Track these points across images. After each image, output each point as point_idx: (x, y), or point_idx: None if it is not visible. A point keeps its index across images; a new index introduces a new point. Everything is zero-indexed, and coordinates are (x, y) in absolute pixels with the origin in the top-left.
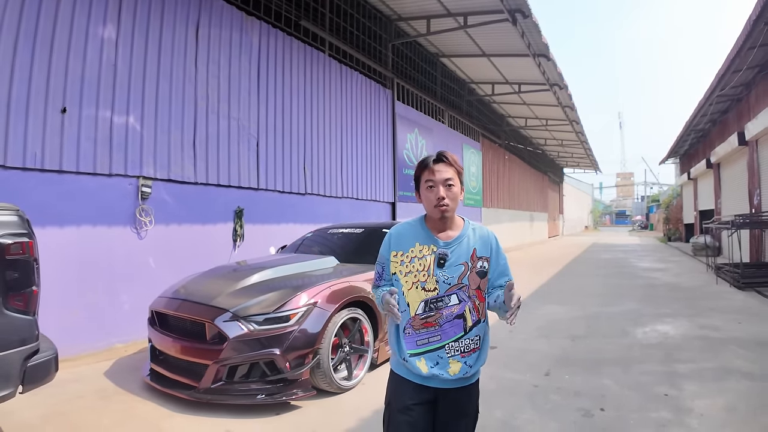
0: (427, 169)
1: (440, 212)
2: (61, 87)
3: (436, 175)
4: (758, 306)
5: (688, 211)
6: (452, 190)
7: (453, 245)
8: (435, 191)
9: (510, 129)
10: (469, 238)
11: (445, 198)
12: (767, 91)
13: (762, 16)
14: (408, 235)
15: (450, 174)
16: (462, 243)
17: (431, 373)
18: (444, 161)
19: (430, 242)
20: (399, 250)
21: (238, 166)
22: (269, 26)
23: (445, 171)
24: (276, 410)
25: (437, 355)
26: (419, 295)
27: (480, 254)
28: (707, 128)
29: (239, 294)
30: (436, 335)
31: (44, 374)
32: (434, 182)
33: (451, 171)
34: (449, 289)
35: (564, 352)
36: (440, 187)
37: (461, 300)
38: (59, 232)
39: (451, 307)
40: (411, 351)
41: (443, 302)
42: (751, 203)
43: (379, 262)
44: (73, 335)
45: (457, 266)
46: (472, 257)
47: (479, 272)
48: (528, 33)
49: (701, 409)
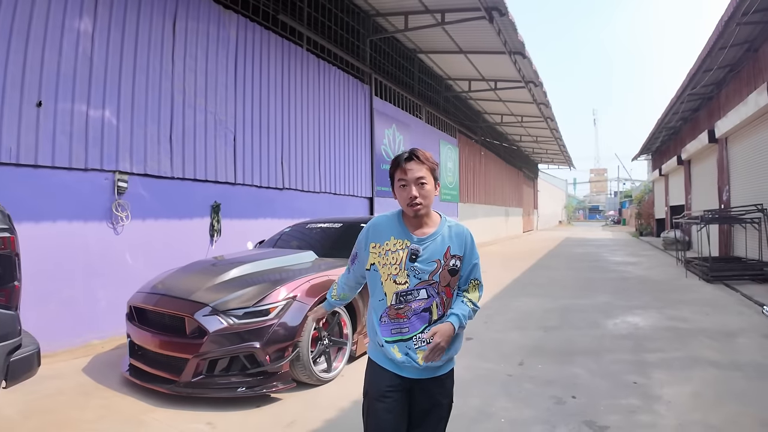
0: (399, 168)
1: (413, 211)
2: (36, 80)
3: (408, 174)
4: (726, 298)
5: (659, 206)
6: (425, 189)
7: (427, 242)
8: (407, 190)
9: (486, 125)
10: (444, 236)
11: (417, 197)
12: (737, 91)
13: (733, 18)
14: (385, 228)
15: (422, 172)
16: (436, 240)
17: (402, 360)
18: (415, 159)
19: (404, 237)
20: (376, 242)
21: (215, 161)
22: (246, 20)
23: (417, 169)
24: (256, 403)
25: (406, 346)
26: (392, 287)
27: (454, 252)
28: (679, 126)
29: (218, 288)
30: (406, 326)
31: (27, 369)
32: (406, 181)
33: (423, 169)
34: (419, 283)
35: (537, 342)
36: (412, 186)
37: (430, 295)
38: (35, 227)
39: (420, 300)
40: (386, 338)
41: (412, 296)
42: (720, 199)
43: (356, 247)
44: (49, 331)
45: (430, 263)
46: (445, 255)
47: (451, 270)
48: (504, 31)
49: (669, 397)
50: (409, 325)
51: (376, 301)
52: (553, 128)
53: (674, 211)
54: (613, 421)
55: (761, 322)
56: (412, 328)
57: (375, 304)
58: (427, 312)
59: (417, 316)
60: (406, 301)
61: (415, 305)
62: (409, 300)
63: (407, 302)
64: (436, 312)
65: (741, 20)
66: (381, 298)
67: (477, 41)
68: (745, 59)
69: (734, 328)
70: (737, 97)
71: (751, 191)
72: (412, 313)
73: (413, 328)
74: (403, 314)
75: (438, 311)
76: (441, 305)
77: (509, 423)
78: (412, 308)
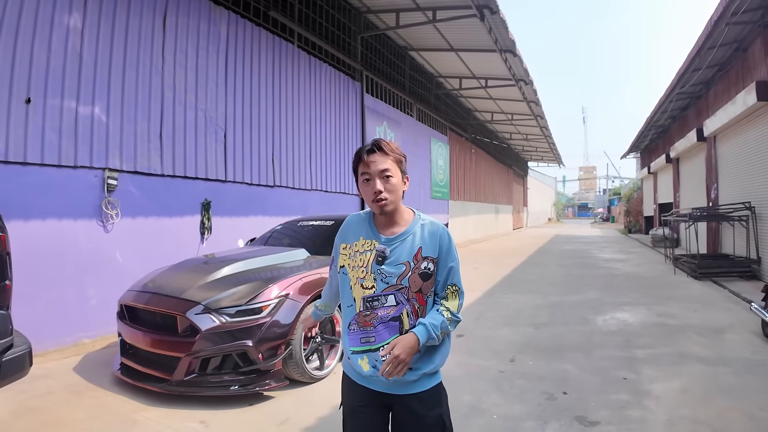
0: (361, 161)
1: (379, 207)
2: (25, 77)
3: (371, 166)
4: (714, 295)
5: (648, 204)
6: (390, 182)
7: (395, 242)
8: (371, 185)
9: (477, 123)
10: (415, 235)
11: (381, 191)
12: (726, 90)
13: (723, 17)
14: (355, 227)
15: (387, 164)
16: (406, 240)
17: (370, 373)
18: (379, 151)
19: (372, 237)
20: (346, 243)
21: (205, 158)
22: (237, 16)
23: (381, 161)
24: (249, 401)
25: (374, 357)
26: (359, 291)
27: (426, 254)
28: (667, 124)
29: (210, 287)
30: (372, 335)
31: (19, 369)
32: (370, 174)
33: (388, 161)
34: (387, 288)
35: (528, 339)
36: (376, 180)
37: (399, 302)
38: (24, 225)
39: (387, 308)
40: (353, 348)
41: (379, 302)
42: (708, 197)
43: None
44: (39, 331)
45: (398, 265)
46: (415, 257)
47: (422, 274)
48: (495, 29)
49: (658, 392)
50: (375, 335)
51: (346, 307)
52: (542, 126)
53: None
54: (604, 417)
55: (749, 318)
56: (379, 337)
57: (345, 310)
58: (396, 321)
59: (384, 325)
60: (372, 308)
61: (381, 312)
62: (375, 306)
63: (373, 309)
64: (408, 321)
65: (730, 20)
66: (350, 304)
67: (468, 39)
68: (733, 59)
69: (722, 324)
70: (726, 96)
71: (739, 189)
72: (379, 321)
73: (380, 338)
74: (369, 322)
75: (410, 320)
76: (413, 313)
77: (501, 419)
78: (378, 316)
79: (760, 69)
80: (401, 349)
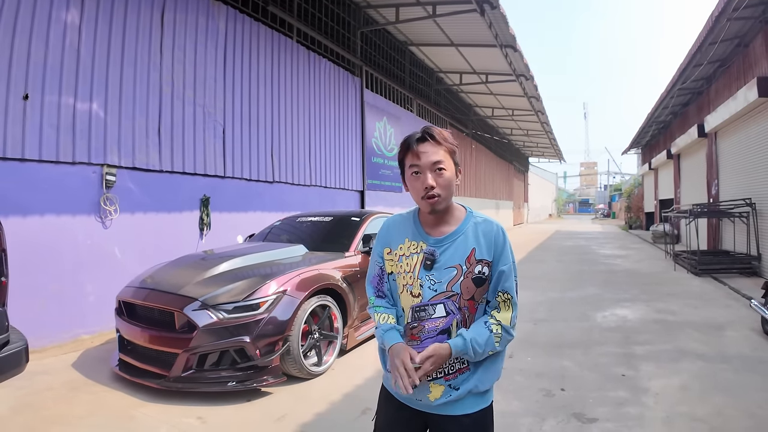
0: (410, 152)
1: (429, 205)
2: (23, 73)
3: (421, 158)
4: (714, 291)
5: (648, 200)
6: (444, 176)
7: (445, 243)
8: (421, 179)
9: (477, 118)
10: (468, 236)
11: (434, 186)
12: (727, 85)
13: (724, 13)
14: (398, 229)
15: (440, 155)
16: (457, 241)
17: (409, 396)
18: (431, 140)
19: (419, 238)
20: (389, 247)
21: (204, 154)
22: (236, 11)
23: (432, 152)
24: (247, 397)
25: None
26: (408, 300)
27: (480, 256)
28: (668, 120)
29: (208, 283)
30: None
31: (15, 365)
32: (420, 167)
33: (440, 151)
34: (435, 296)
35: (527, 335)
36: (427, 173)
37: (449, 312)
38: (22, 221)
39: (436, 319)
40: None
41: (426, 312)
42: (709, 193)
43: (374, 261)
44: (38, 327)
45: (447, 269)
46: (468, 259)
47: (476, 279)
48: (495, 24)
49: (657, 389)
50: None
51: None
52: (543, 122)
53: (663, 204)
54: (602, 414)
55: (749, 315)
56: None
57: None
58: (444, 334)
59: (431, 340)
60: (420, 319)
61: (429, 325)
62: (422, 317)
63: (420, 320)
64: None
65: (732, 16)
66: (401, 314)
67: (468, 34)
68: (735, 54)
69: (722, 321)
70: (727, 92)
71: (740, 185)
72: (426, 336)
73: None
74: (416, 335)
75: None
76: (463, 324)
77: (499, 415)
78: (425, 328)
79: (761, 65)
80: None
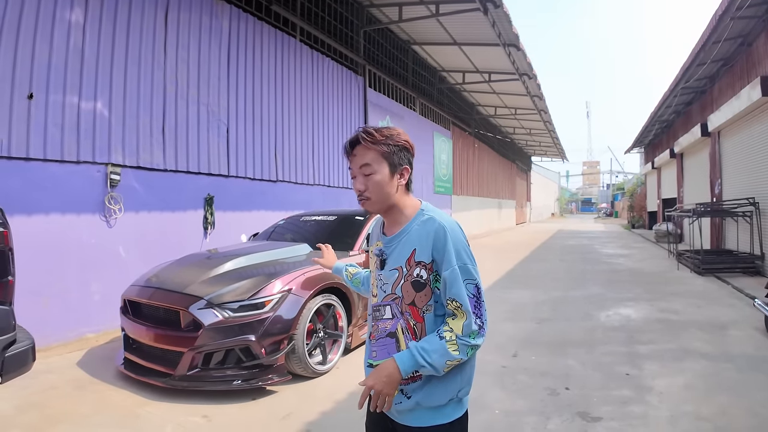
0: (348, 156)
1: (363, 207)
2: (27, 73)
3: (351, 161)
4: (717, 291)
5: (651, 199)
6: (372, 179)
7: (393, 243)
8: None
9: (480, 117)
10: (411, 235)
11: (364, 190)
12: (730, 84)
13: (728, 12)
14: (376, 228)
15: (367, 158)
16: (402, 240)
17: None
18: (362, 142)
19: (380, 238)
20: (370, 246)
21: (208, 153)
22: (239, 10)
23: (361, 155)
24: (252, 395)
25: None
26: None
27: (419, 258)
28: (671, 119)
29: (213, 282)
30: (374, 350)
31: (22, 364)
32: (351, 170)
33: (369, 154)
34: (385, 297)
35: (530, 334)
36: (358, 177)
37: (394, 315)
38: (27, 220)
39: (386, 321)
40: (366, 360)
41: (380, 312)
42: (712, 192)
43: None
44: (43, 326)
45: (392, 271)
46: (408, 261)
47: (414, 283)
48: (499, 22)
49: (661, 388)
50: (377, 350)
51: None
52: (546, 121)
53: (666, 203)
54: (606, 412)
55: (752, 314)
56: (379, 354)
57: None
58: (393, 338)
59: (382, 341)
60: (375, 318)
61: (381, 325)
62: (377, 317)
63: (375, 320)
64: (404, 340)
65: (735, 14)
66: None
67: (471, 33)
68: (738, 53)
69: (725, 320)
70: (730, 91)
71: (743, 185)
72: (379, 335)
73: (380, 354)
74: (374, 334)
75: (406, 339)
76: (408, 330)
77: (503, 414)
78: (378, 328)
79: (765, 64)
80: (374, 378)
